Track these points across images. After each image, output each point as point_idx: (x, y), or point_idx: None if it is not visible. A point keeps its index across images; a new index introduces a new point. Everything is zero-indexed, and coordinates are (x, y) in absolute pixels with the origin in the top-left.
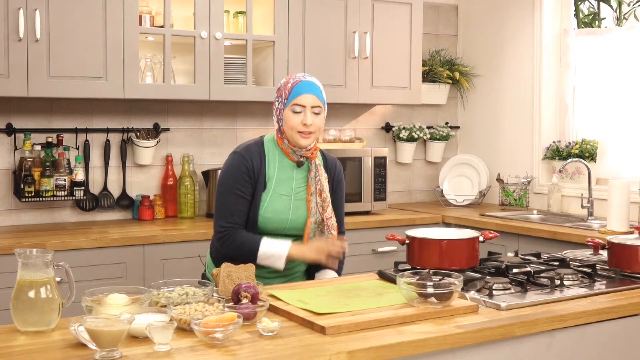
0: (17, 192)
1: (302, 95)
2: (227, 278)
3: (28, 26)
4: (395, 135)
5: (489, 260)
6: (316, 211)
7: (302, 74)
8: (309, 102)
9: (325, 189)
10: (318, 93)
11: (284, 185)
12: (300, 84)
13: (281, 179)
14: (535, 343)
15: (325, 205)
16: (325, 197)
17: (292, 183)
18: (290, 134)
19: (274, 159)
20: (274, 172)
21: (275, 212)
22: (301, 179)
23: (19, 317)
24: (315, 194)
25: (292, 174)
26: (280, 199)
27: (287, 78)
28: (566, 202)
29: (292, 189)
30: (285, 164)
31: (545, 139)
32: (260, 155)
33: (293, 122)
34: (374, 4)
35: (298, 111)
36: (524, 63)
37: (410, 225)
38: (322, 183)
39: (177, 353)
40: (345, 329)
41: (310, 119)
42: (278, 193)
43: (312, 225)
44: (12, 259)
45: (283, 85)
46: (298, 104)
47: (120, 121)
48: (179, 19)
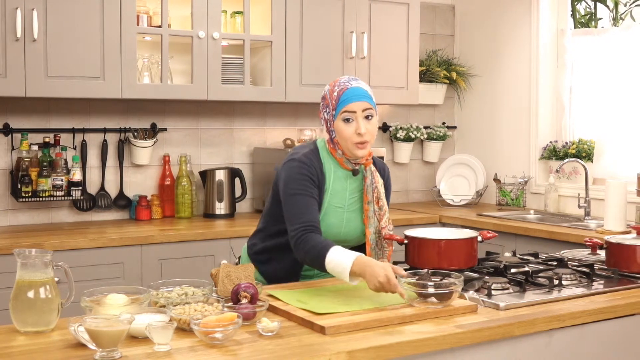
0: (14, 192)
1: (352, 103)
2: (226, 278)
3: (25, 26)
4: (393, 135)
5: (487, 260)
6: (374, 220)
7: (346, 79)
8: (359, 107)
9: (382, 196)
10: (367, 97)
11: (339, 197)
12: (347, 91)
13: (336, 190)
14: (534, 343)
15: (382, 214)
16: (382, 205)
17: (345, 194)
18: (346, 145)
19: (329, 168)
20: (330, 183)
21: (329, 226)
22: (355, 189)
23: (18, 317)
24: (373, 202)
25: (346, 184)
26: (334, 212)
27: (330, 86)
28: (563, 202)
29: (345, 201)
30: (340, 173)
31: (542, 139)
32: (320, 164)
33: (347, 133)
34: (371, 4)
35: (349, 118)
36: (521, 63)
37: (407, 225)
38: (379, 190)
39: (177, 353)
40: (345, 328)
41: (363, 127)
42: (333, 205)
43: (371, 236)
44: (10, 259)
45: (328, 95)
46: (348, 111)
47: (117, 121)
48: (177, 18)
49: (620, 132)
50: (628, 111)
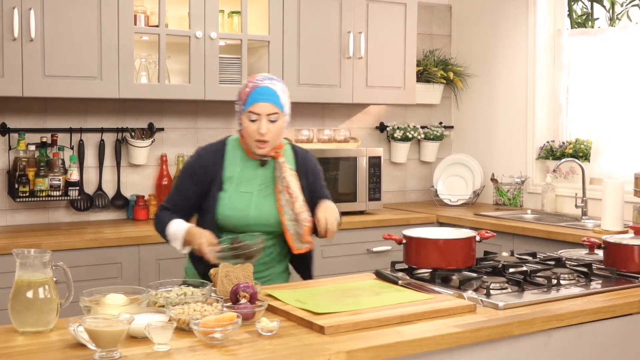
0: (11, 192)
1: (257, 104)
2: (225, 278)
3: (22, 26)
4: (390, 135)
5: (485, 259)
6: (287, 209)
7: (262, 77)
8: (264, 110)
9: (292, 186)
10: (274, 100)
11: (247, 184)
12: (256, 91)
13: (244, 177)
14: (532, 342)
15: (294, 201)
16: (293, 193)
17: (256, 181)
18: (248, 141)
19: (236, 158)
20: (236, 171)
21: (235, 210)
22: (267, 176)
23: (17, 317)
24: (284, 192)
25: (256, 172)
26: (240, 196)
27: (247, 80)
28: (560, 201)
29: (255, 187)
30: (250, 163)
31: (539, 139)
32: (219, 156)
33: (249, 130)
34: (369, 4)
35: (254, 119)
36: (518, 63)
37: (405, 225)
38: (288, 180)
39: (176, 353)
40: (344, 328)
41: (264, 128)
42: (239, 191)
43: (288, 223)
44: (8, 259)
45: (243, 89)
46: (253, 112)
47: (114, 121)
48: (174, 18)
49: (617, 132)
50: (625, 111)
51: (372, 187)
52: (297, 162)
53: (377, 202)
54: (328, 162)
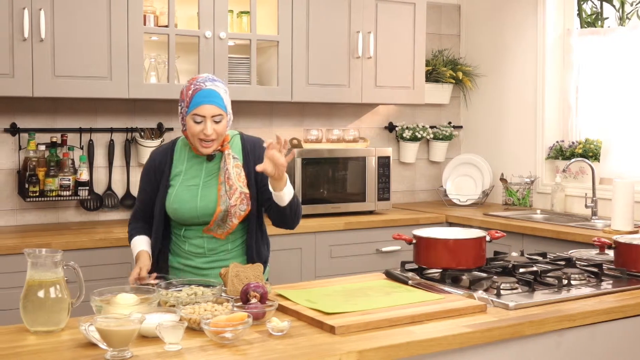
0: (21, 192)
1: (201, 107)
2: (235, 278)
3: (33, 26)
4: (399, 135)
5: (495, 259)
6: (225, 198)
7: (203, 78)
8: (209, 112)
9: (232, 176)
10: (218, 101)
11: (193, 178)
12: (199, 93)
13: (191, 172)
14: (544, 342)
15: (232, 192)
16: (232, 184)
17: (201, 174)
18: (192, 141)
19: (183, 156)
20: (183, 167)
21: (182, 202)
22: (212, 169)
23: (29, 316)
24: (225, 183)
25: (202, 166)
26: (187, 190)
27: (189, 82)
28: (569, 201)
29: (201, 179)
30: (197, 159)
31: (549, 139)
32: (167, 155)
33: (193, 130)
34: (378, 4)
35: (198, 121)
36: (527, 63)
37: (414, 225)
38: (230, 171)
39: (187, 353)
40: (355, 328)
41: (210, 129)
42: (185, 185)
43: (220, 213)
44: (18, 259)
45: (185, 91)
46: (198, 114)
47: (124, 121)
48: (183, 18)
49: (627, 132)
50: (635, 111)
51: (381, 187)
52: (245, 150)
53: (386, 202)
54: (337, 162)
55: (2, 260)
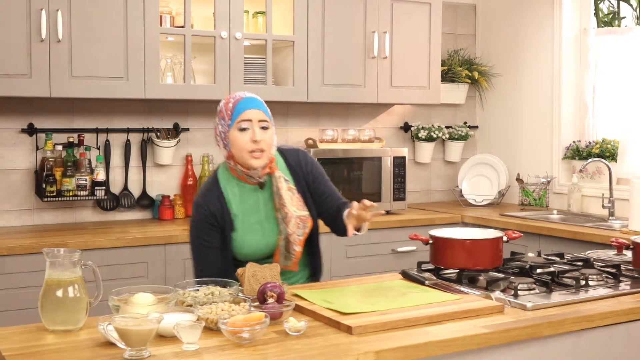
0: (38, 192)
1: (247, 111)
2: (252, 278)
3: (50, 27)
4: (414, 135)
5: (512, 260)
6: (283, 227)
7: (241, 92)
8: (255, 116)
9: (286, 202)
10: (263, 107)
11: (252, 214)
12: (242, 101)
13: (247, 209)
14: (562, 343)
15: (288, 220)
16: (287, 211)
17: (259, 207)
18: (241, 156)
19: (233, 192)
20: (238, 206)
21: (250, 245)
22: (267, 198)
23: (47, 316)
24: (280, 210)
25: (256, 197)
26: (251, 231)
27: (225, 99)
28: (586, 202)
29: (261, 214)
30: (247, 190)
31: (565, 139)
32: (219, 198)
33: (241, 142)
34: (393, 4)
35: (244, 127)
36: (544, 62)
37: (430, 225)
38: (283, 197)
39: (205, 352)
40: (372, 328)
41: (259, 135)
42: (248, 226)
43: (281, 243)
44: (36, 258)
45: (224, 108)
46: (244, 120)
47: (140, 121)
48: (199, 19)
49: None
50: None
51: (397, 187)
52: (290, 166)
53: (402, 202)
54: (352, 162)
55: (20, 260)
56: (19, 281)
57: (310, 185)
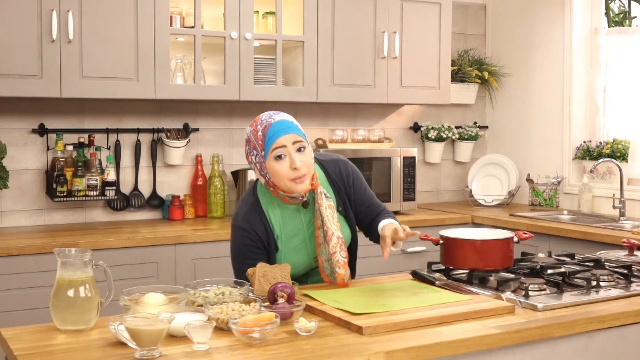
0: (49, 192)
1: (280, 138)
2: (263, 278)
3: (61, 27)
4: (424, 135)
5: (522, 260)
6: (324, 247)
7: (267, 115)
8: (290, 140)
9: (327, 221)
10: (294, 129)
11: (295, 235)
12: (272, 127)
13: (289, 230)
14: (573, 344)
15: (329, 238)
16: (328, 230)
17: (303, 227)
18: (284, 184)
19: (275, 212)
20: (280, 227)
21: (296, 266)
22: (311, 216)
23: (58, 315)
24: (321, 228)
25: (299, 217)
26: (296, 253)
27: (252, 126)
28: (597, 202)
29: (304, 234)
30: (289, 211)
31: (576, 139)
32: (262, 220)
33: (281, 171)
34: (403, 4)
35: (281, 155)
36: (554, 62)
37: (440, 225)
38: (323, 214)
39: (216, 352)
40: (383, 329)
41: (298, 161)
42: (291, 248)
43: (324, 264)
44: (47, 258)
45: (252, 136)
46: (278, 147)
47: (150, 121)
48: (209, 19)
49: None
50: None
51: (407, 188)
52: (330, 179)
53: (412, 202)
54: (362, 162)
55: (31, 260)
56: (29, 281)
57: (352, 197)
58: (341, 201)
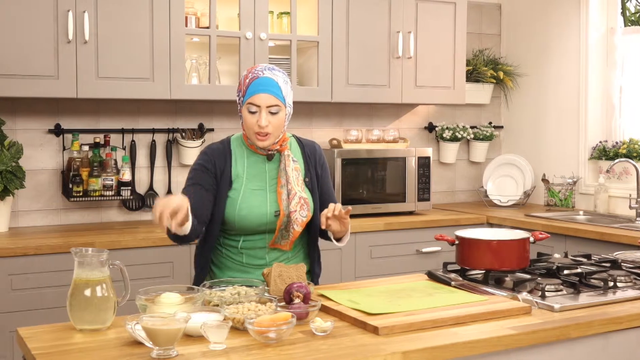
0: (65, 192)
1: (257, 95)
2: (279, 278)
3: (77, 28)
4: (439, 135)
5: (539, 261)
6: (286, 204)
7: (263, 67)
8: (264, 101)
9: (292, 180)
10: (275, 90)
11: (257, 180)
12: (256, 82)
13: (252, 174)
14: (590, 345)
15: (291, 197)
16: (291, 188)
17: (265, 176)
18: (248, 134)
19: (242, 155)
20: (243, 169)
21: (251, 208)
22: (274, 169)
23: (76, 315)
24: (285, 186)
25: (263, 167)
26: (253, 194)
27: (247, 70)
28: (613, 202)
29: (265, 182)
30: (256, 158)
31: (592, 139)
32: (225, 154)
33: (248, 122)
34: (418, 4)
35: (253, 111)
36: (570, 62)
37: (454, 225)
38: (289, 174)
39: (232, 352)
40: (399, 329)
41: (264, 120)
42: (250, 189)
43: (284, 219)
44: (63, 258)
45: (242, 80)
46: (252, 104)
47: (165, 121)
48: (224, 19)
49: None
50: None
51: (421, 188)
52: (304, 153)
53: (426, 202)
54: (376, 163)
55: (47, 259)
56: (46, 280)
57: (319, 177)
58: (309, 174)
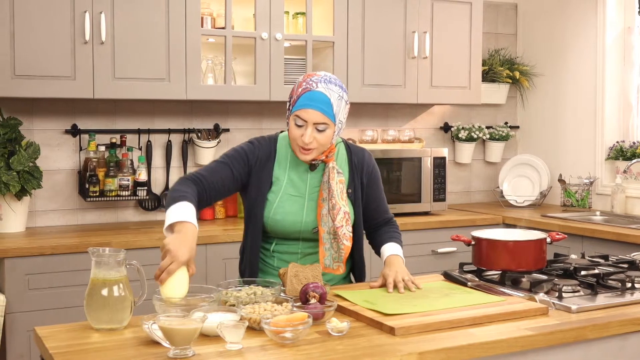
0: (82, 192)
1: (305, 110)
2: (295, 278)
3: (93, 29)
4: (454, 135)
5: (555, 262)
6: (328, 219)
7: (319, 78)
8: (312, 118)
9: (336, 195)
10: (325, 108)
11: (296, 186)
12: (307, 95)
13: (293, 179)
14: (607, 346)
15: (335, 213)
16: (335, 203)
17: (305, 183)
18: (292, 145)
19: (286, 158)
20: (285, 171)
21: (286, 214)
22: (317, 178)
23: (93, 314)
24: (328, 200)
25: (306, 176)
26: (291, 200)
27: (303, 78)
28: (630, 203)
29: (305, 190)
30: (299, 164)
31: (609, 139)
32: (270, 153)
33: (294, 134)
34: (434, 4)
35: (300, 124)
36: (586, 62)
37: (470, 226)
38: (333, 188)
39: (248, 352)
40: (415, 329)
41: (308, 137)
42: (288, 194)
43: (325, 235)
44: (80, 257)
45: (296, 87)
46: (300, 117)
47: (181, 122)
48: (240, 20)
49: None
50: None
51: (437, 188)
52: (351, 162)
53: (442, 202)
54: (392, 163)
55: (64, 259)
56: (63, 280)
57: (364, 188)
58: (353, 184)
